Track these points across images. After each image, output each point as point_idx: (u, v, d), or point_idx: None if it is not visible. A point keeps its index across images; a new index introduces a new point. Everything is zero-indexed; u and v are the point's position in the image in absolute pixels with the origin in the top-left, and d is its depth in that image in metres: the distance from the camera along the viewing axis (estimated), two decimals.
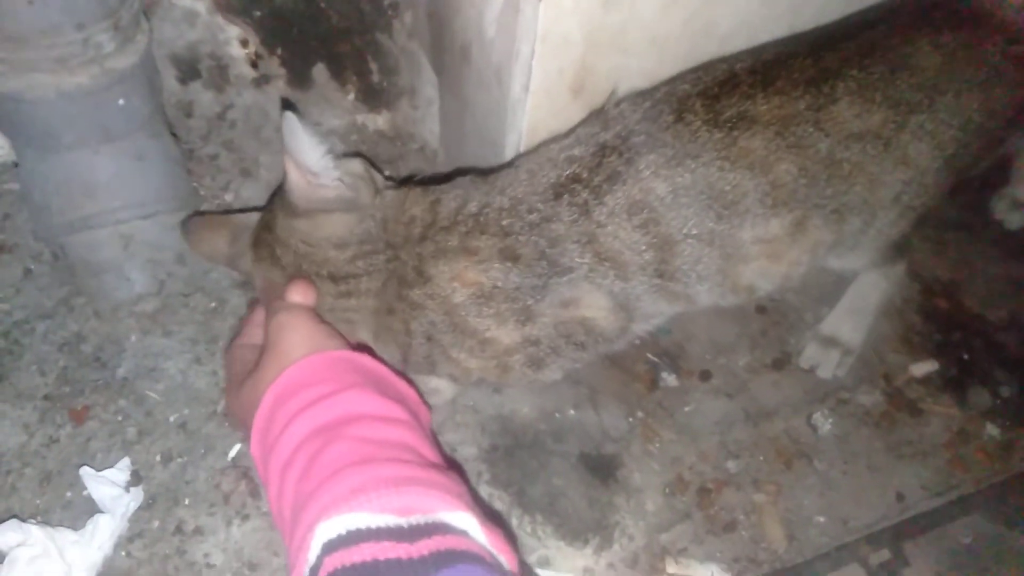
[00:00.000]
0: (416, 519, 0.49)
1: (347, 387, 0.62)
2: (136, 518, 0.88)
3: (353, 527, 0.48)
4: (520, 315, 0.81)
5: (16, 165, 1.09)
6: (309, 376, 0.63)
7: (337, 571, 0.46)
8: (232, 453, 0.94)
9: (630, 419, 1.03)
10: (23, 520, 0.85)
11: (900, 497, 1.00)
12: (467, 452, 0.98)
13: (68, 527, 0.86)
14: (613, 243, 0.80)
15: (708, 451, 1.02)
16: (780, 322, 1.17)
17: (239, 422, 0.69)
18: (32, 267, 1.07)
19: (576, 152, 0.83)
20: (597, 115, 0.87)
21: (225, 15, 1.15)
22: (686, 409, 1.06)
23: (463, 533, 0.50)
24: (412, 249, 0.81)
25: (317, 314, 0.74)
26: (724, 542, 0.94)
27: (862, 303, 1.12)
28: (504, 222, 0.81)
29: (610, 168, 0.81)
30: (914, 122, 0.87)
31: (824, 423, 1.06)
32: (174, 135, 1.10)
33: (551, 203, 0.81)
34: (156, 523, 0.88)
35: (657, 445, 1.01)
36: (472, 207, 0.82)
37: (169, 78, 1.17)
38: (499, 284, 0.80)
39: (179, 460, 0.93)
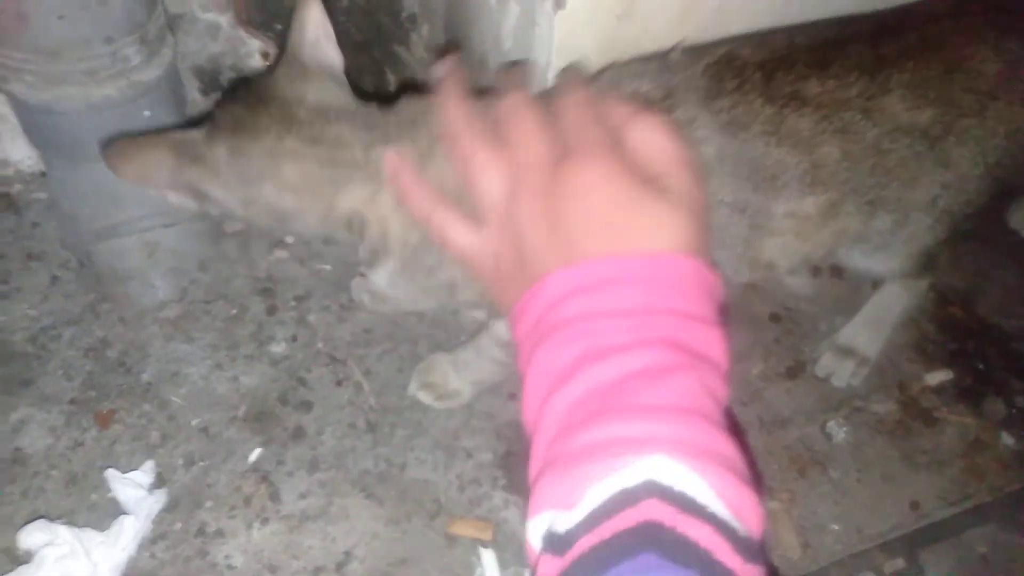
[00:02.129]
0: (745, 532, 0.39)
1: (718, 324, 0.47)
2: (159, 520, 0.90)
3: (691, 493, 0.38)
4: None
5: (44, 175, 1.12)
6: (693, 289, 0.48)
7: (665, 528, 0.36)
8: (252, 457, 0.96)
9: None
10: (51, 520, 0.87)
11: (915, 506, 1.01)
12: (483, 458, 0.99)
13: (93, 528, 0.88)
14: None
15: None
16: (794, 331, 1.17)
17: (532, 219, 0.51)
18: (59, 274, 1.09)
19: (644, 87, 0.80)
20: (661, 59, 0.84)
21: (247, 28, 1.18)
22: None
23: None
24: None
25: None
26: None
27: (882, 315, 1.13)
28: None
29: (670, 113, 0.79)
30: (962, 125, 0.86)
31: (838, 431, 1.06)
32: None
33: None
34: (179, 525, 0.90)
35: None
36: None
37: (192, 90, 1.19)
38: None
39: (201, 464, 0.95)
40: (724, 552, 0.36)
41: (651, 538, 0.36)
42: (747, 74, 0.82)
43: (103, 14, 0.86)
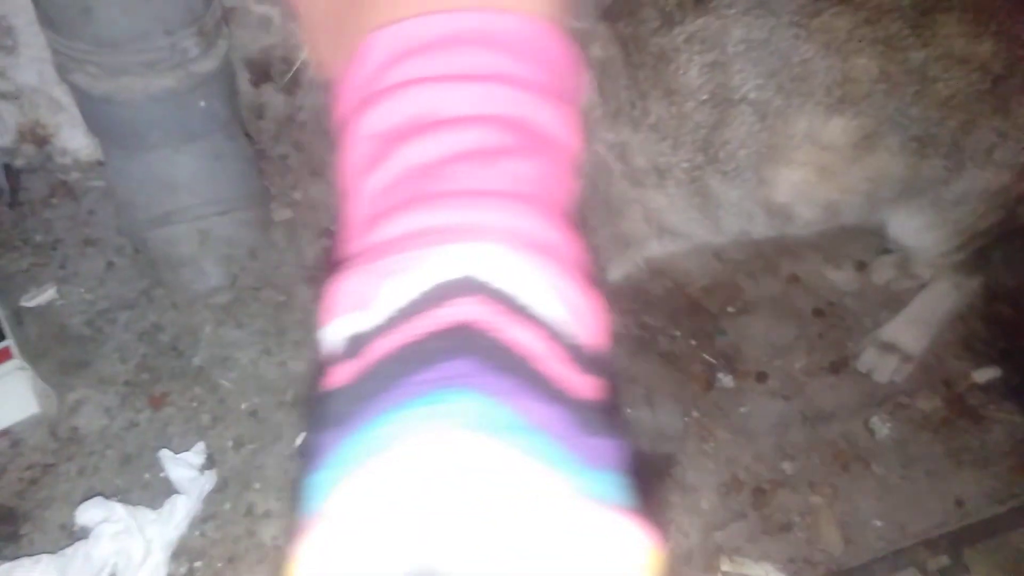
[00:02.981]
0: (584, 336, 0.32)
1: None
2: (209, 500, 0.93)
3: (522, 293, 0.30)
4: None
5: (102, 164, 1.16)
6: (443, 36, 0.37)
7: (486, 334, 0.28)
8: (299, 441, 0.98)
9: (685, 419, 1.04)
10: (106, 498, 0.90)
11: (960, 503, 1.00)
12: None
13: (147, 506, 0.90)
14: (682, 80, 0.76)
15: (763, 452, 1.02)
16: (837, 325, 1.16)
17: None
18: (115, 260, 1.12)
19: None
20: None
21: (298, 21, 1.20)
22: (742, 410, 1.06)
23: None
24: None
25: None
26: (779, 542, 0.95)
27: (929, 313, 1.11)
28: None
29: None
30: None
31: (882, 427, 1.06)
32: (247, 136, 1.15)
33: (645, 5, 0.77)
34: (228, 505, 0.93)
35: (712, 445, 1.02)
36: None
37: (243, 81, 1.22)
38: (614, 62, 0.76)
39: (250, 446, 0.97)
40: (556, 359, 0.29)
41: (468, 340, 0.29)
42: None
43: (164, 7, 0.89)
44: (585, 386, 0.30)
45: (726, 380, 1.09)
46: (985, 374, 1.12)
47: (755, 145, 0.78)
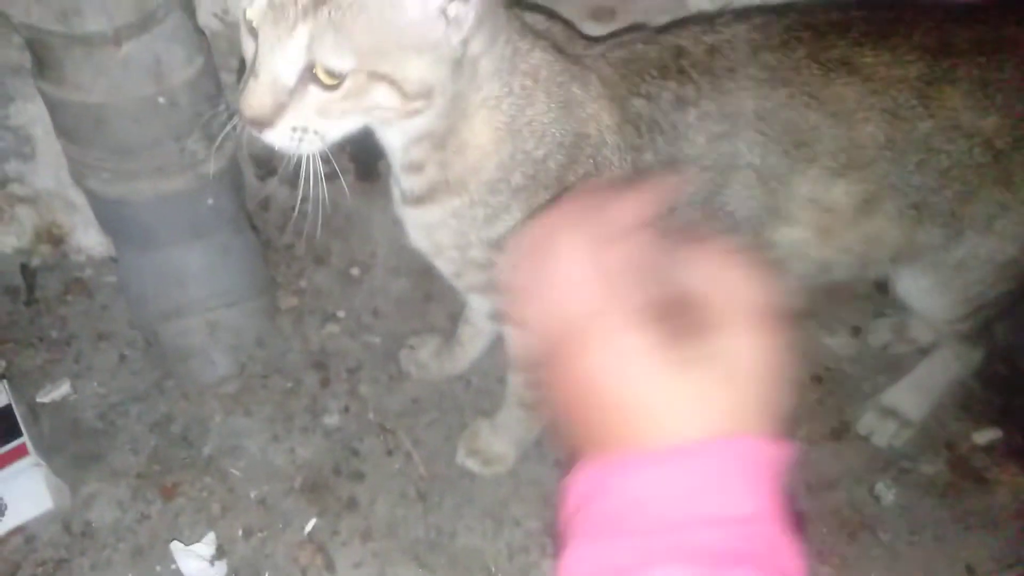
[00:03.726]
0: None
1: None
2: None
3: None
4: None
5: (114, 260, 1.20)
6: (728, 483, 0.39)
7: None
8: (308, 527, 0.99)
9: None
10: None
11: (970, 570, 0.99)
12: (531, 526, 1.01)
13: None
14: (688, 150, 0.78)
15: None
16: (836, 391, 1.18)
17: (571, 387, 0.42)
18: (127, 353, 1.16)
19: (683, 44, 0.79)
20: (706, 19, 0.83)
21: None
22: None
23: None
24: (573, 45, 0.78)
25: None
26: None
27: (930, 381, 1.11)
28: (627, 72, 0.77)
29: (717, 65, 0.77)
30: None
31: (887, 493, 1.06)
32: (254, 228, 1.19)
33: (657, 79, 0.78)
34: None
35: None
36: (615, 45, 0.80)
37: (249, 175, 1.27)
38: (608, 140, 0.76)
39: (259, 535, 0.98)
40: None
41: None
42: (796, 32, 0.78)
43: (173, 115, 0.94)
44: None
45: None
46: (986, 435, 1.12)
47: (755, 207, 0.79)
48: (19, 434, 1.00)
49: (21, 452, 0.98)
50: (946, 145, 0.78)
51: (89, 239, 1.23)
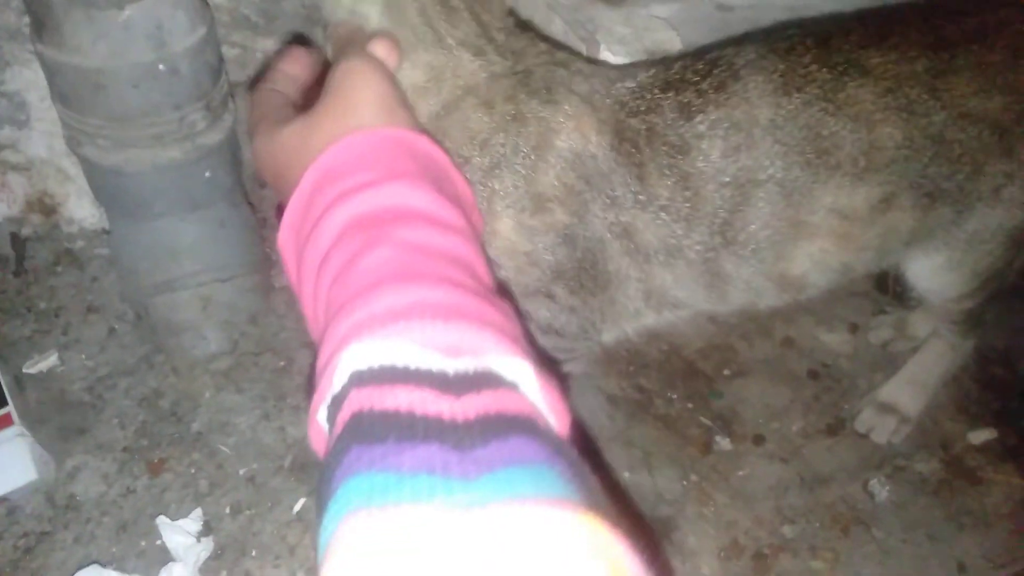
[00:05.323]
0: (464, 364, 0.40)
1: (399, 175, 0.51)
2: (206, 567, 0.92)
3: (388, 361, 0.39)
4: (580, 207, 0.76)
5: (107, 232, 1.18)
6: (357, 157, 0.52)
7: (363, 414, 0.37)
8: (297, 507, 0.98)
9: (684, 482, 1.04)
10: (102, 566, 0.89)
11: (962, 568, 0.99)
12: None
13: (142, 574, 0.90)
14: (701, 165, 0.76)
15: (763, 516, 1.02)
16: (833, 388, 1.17)
17: (268, 174, 0.60)
18: (116, 326, 1.14)
19: (689, 60, 0.79)
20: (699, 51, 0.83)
21: None
22: (740, 473, 1.06)
23: (513, 386, 0.41)
24: (546, 64, 0.75)
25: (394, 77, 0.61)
26: None
27: (924, 374, 1.11)
28: (621, 89, 0.77)
29: (720, 78, 0.77)
30: None
31: (881, 490, 1.05)
32: (250, 204, 1.18)
33: (658, 93, 0.77)
34: (224, 573, 0.92)
35: (711, 508, 1.02)
36: (605, 74, 0.79)
37: (247, 151, 1.25)
38: (598, 156, 0.75)
39: (247, 512, 0.97)
40: (427, 401, 0.37)
41: (354, 430, 0.37)
42: (799, 38, 0.78)
43: (173, 83, 0.92)
44: (465, 407, 0.37)
45: (723, 443, 1.09)
46: (980, 436, 1.12)
47: (779, 224, 0.78)
48: (4, 403, 0.98)
49: (6, 421, 0.96)
50: (958, 134, 0.79)
51: (82, 210, 1.22)
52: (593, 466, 0.39)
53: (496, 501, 0.32)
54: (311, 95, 0.64)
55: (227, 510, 0.97)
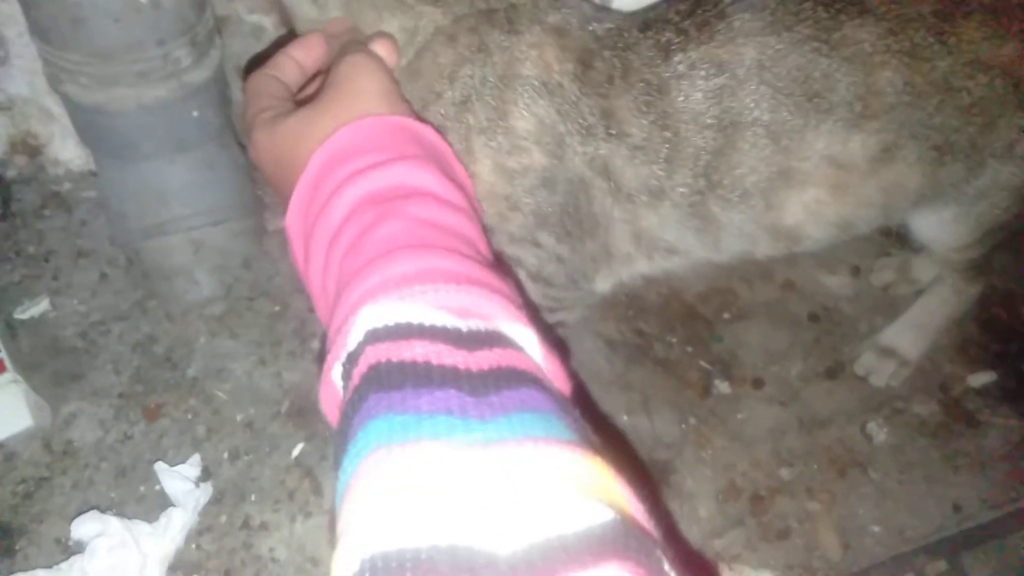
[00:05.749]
0: (475, 324, 0.42)
1: (407, 157, 0.54)
2: (205, 512, 0.92)
3: (404, 319, 0.41)
4: (557, 144, 0.74)
5: (94, 174, 1.15)
6: (365, 140, 0.55)
7: (381, 365, 0.39)
8: (295, 452, 0.98)
9: (683, 425, 1.04)
10: (102, 512, 0.89)
11: (957, 508, 1.00)
12: None
13: (142, 519, 0.90)
14: (681, 105, 0.73)
15: (761, 458, 1.02)
16: (833, 331, 1.17)
17: (268, 164, 0.61)
18: (108, 271, 1.12)
19: (661, 10, 0.76)
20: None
21: (291, 29, 1.20)
22: (739, 416, 1.06)
23: (520, 349, 0.43)
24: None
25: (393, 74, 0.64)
26: (777, 549, 0.94)
27: (927, 319, 1.10)
28: (596, 27, 0.75)
29: (702, 17, 0.73)
30: None
31: (879, 432, 1.06)
32: (240, 145, 1.15)
33: (636, 32, 0.74)
34: (224, 518, 0.92)
35: (710, 452, 1.02)
36: (577, 7, 0.76)
37: (236, 90, 1.21)
38: (564, 84, 0.73)
39: (245, 458, 0.97)
40: (441, 353, 0.39)
41: (371, 380, 0.39)
42: None
43: (156, 17, 0.88)
44: (479, 360, 0.39)
45: (722, 387, 1.08)
46: (980, 378, 1.12)
47: (767, 170, 0.75)
48: None
49: None
50: (966, 82, 0.74)
51: (67, 151, 1.18)
52: (591, 416, 0.43)
53: (511, 439, 0.35)
54: (310, 88, 0.67)
55: (225, 455, 0.97)
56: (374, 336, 0.41)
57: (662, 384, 1.08)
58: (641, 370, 1.09)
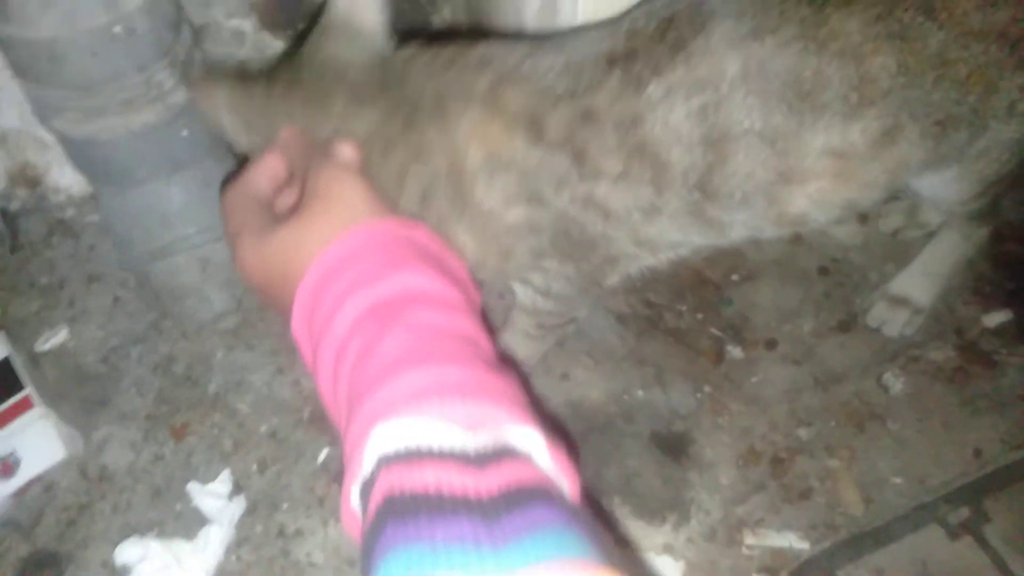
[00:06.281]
0: (483, 439, 0.43)
1: (401, 262, 0.56)
2: (241, 524, 0.95)
3: (414, 444, 0.42)
4: (530, 198, 0.73)
5: (95, 197, 1.16)
6: (360, 249, 0.57)
7: (395, 498, 0.40)
8: (321, 457, 1.00)
9: (698, 395, 1.05)
10: (142, 535, 0.92)
11: (978, 453, 1.00)
12: None
13: (182, 536, 0.93)
14: (660, 132, 0.70)
15: (778, 420, 1.03)
16: (844, 283, 1.16)
17: (257, 279, 0.61)
18: (120, 294, 1.14)
19: (640, 24, 0.73)
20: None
21: (271, 31, 1.19)
22: (753, 380, 1.07)
23: (528, 457, 0.44)
24: (434, 76, 0.71)
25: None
26: (800, 510, 0.96)
27: (937, 265, 1.09)
28: (548, 77, 0.71)
29: (675, 37, 0.70)
30: None
31: (895, 382, 1.06)
32: (236, 157, 1.15)
33: (601, 69, 0.70)
34: (259, 528, 0.95)
35: (726, 418, 1.03)
36: (514, 56, 0.72)
37: None
38: (517, 157, 0.71)
39: (274, 468, 0.99)
40: (452, 478, 0.40)
41: (387, 511, 0.40)
42: None
43: (133, 44, 0.88)
44: (488, 480, 0.40)
45: (735, 351, 1.09)
46: (996, 318, 1.11)
47: (766, 174, 0.73)
48: (22, 386, 0.99)
49: (26, 405, 0.97)
50: (961, 53, 0.72)
51: (65, 178, 1.19)
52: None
53: (524, 567, 0.36)
54: (287, 198, 0.67)
55: (254, 467, 0.99)
56: (386, 460, 0.43)
57: (675, 355, 1.09)
58: (653, 343, 1.10)
